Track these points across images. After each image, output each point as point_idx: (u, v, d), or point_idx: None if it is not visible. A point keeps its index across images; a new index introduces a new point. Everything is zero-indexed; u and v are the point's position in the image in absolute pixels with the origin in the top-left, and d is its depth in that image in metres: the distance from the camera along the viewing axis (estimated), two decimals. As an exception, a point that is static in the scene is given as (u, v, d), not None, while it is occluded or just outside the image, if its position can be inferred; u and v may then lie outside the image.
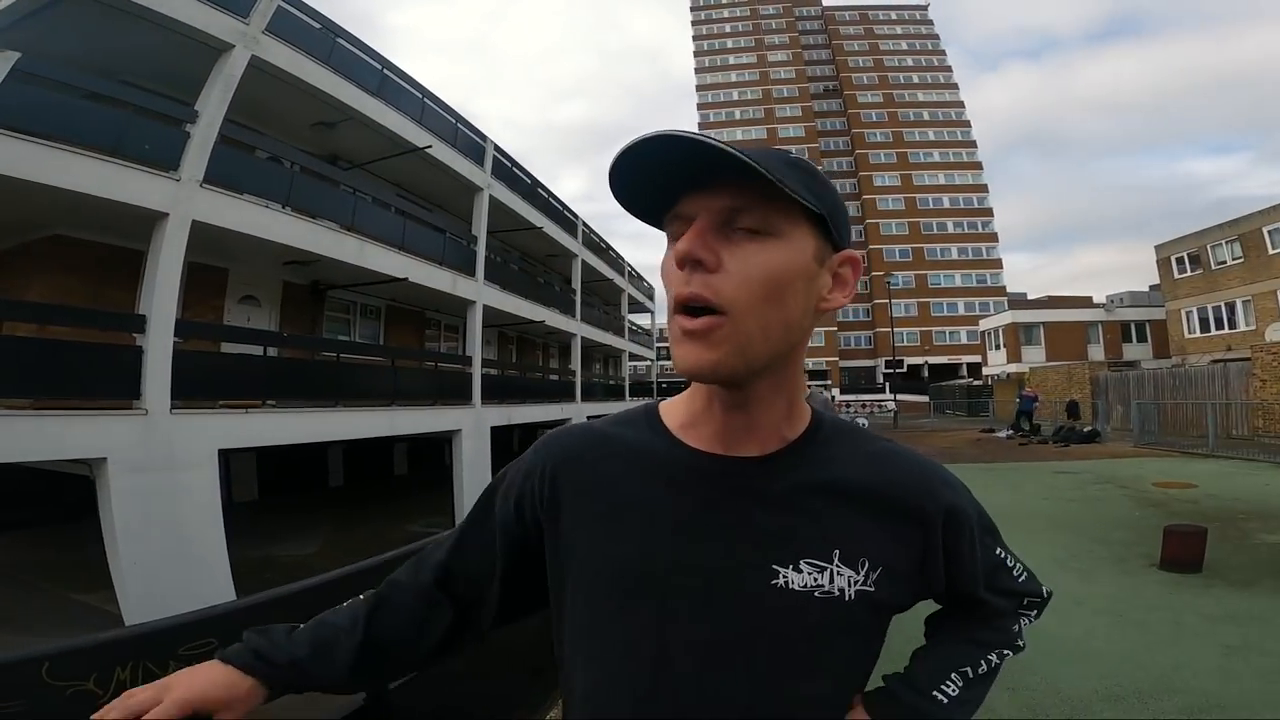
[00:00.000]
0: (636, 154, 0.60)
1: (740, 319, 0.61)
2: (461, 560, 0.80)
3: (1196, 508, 7.77)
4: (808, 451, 0.72)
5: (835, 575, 0.67)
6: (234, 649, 0.72)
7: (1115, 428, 19.82)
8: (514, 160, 15.80)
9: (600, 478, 0.73)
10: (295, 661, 0.73)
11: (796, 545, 0.67)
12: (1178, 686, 3.10)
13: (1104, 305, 35.59)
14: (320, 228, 9.30)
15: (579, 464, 0.75)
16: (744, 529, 0.68)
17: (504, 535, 0.77)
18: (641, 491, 0.71)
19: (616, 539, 0.70)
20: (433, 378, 12.32)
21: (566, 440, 0.79)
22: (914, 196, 57.59)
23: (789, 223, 0.64)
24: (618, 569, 0.69)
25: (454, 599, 0.80)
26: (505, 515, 0.77)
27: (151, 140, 6.89)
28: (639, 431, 0.76)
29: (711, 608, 0.66)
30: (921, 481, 0.73)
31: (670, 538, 0.68)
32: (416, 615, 0.79)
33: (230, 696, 0.69)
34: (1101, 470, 11.63)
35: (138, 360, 6.49)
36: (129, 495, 6.09)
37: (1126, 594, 4.67)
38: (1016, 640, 0.85)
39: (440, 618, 0.79)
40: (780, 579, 0.66)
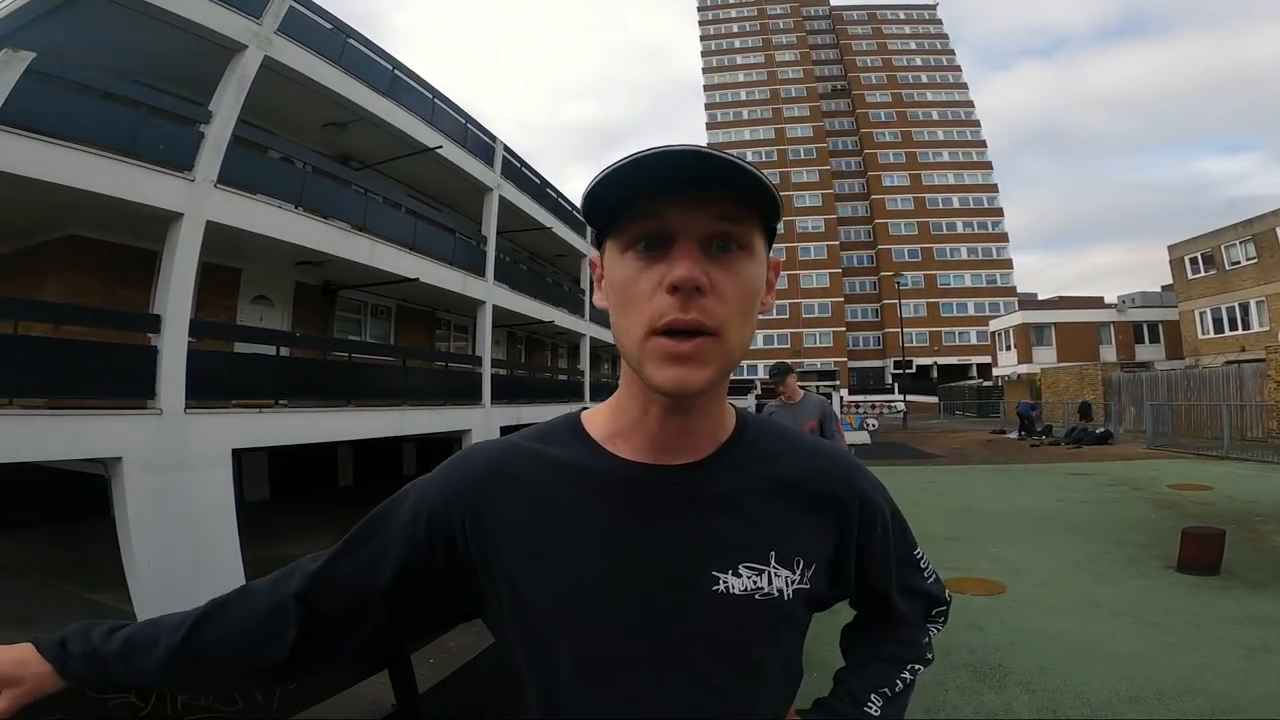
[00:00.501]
0: (628, 170, 0.58)
1: (727, 337, 0.62)
2: (337, 576, 0.72)
3: (1213, 510, 7.72)
4: (737, 453, 0.72)
5: (773, 576, 0.68)
6: (48, 634, 0.73)
7: (1128, 429, 19.69)
8: (523, 160, 15.83)
9: (531, 496, 0.69)
10: (95, 654, 0.71)
11: (734, 549, 0.68)
12: (1198, 688, 3.08)
13: (1116, 306, 35.32)
14: (332, 228, 9.33)
15: (506, 483, 0.70)
16: (681, 537, 0.67)
17: (403, 555, 0.70)
18: (575, 507, 0.69)
19: (554, 557, 0.67)
20: (443, 378, 12.35)
21: (487, 458, 0.73)
22: (923, 196, 57.25)
23: (757, 235, 0.65)
24: (559, 587, 0.67)
25: (314, 615, 0.72)
26: (412, 535, 0.70)
27: (166, 141, 6.91)
28: (564, 445, 0.73)
29: (656, 619, 0.66)
30: (839, 473, 0.76)
31: (608, 552, 0.67)
32: (258, 628, 0.72)
33: (19, 674, 0.70)
34: (1115, 472, 11.55)
35: (152, 360, 6.52)
36: (144, 495, 6.12)
37: (1145, 596, 4.64)
38: (926, 654, 0.86)
39: (285, 633, 0.71)
40: (720, 584, 0.66)
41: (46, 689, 0.71)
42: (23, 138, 5.65)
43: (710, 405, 0.70)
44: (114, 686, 0.74)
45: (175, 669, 0.72)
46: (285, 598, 0.72)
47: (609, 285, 0.66)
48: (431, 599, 0.73)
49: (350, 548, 0.73)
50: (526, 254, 17.83)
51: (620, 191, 0.61)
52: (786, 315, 56.23)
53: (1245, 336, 24.54)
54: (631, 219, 0.62)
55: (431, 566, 0.70)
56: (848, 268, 57.78)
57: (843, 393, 41.38)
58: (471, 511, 0.69)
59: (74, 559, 8.18)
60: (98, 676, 0.72)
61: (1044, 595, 4.77)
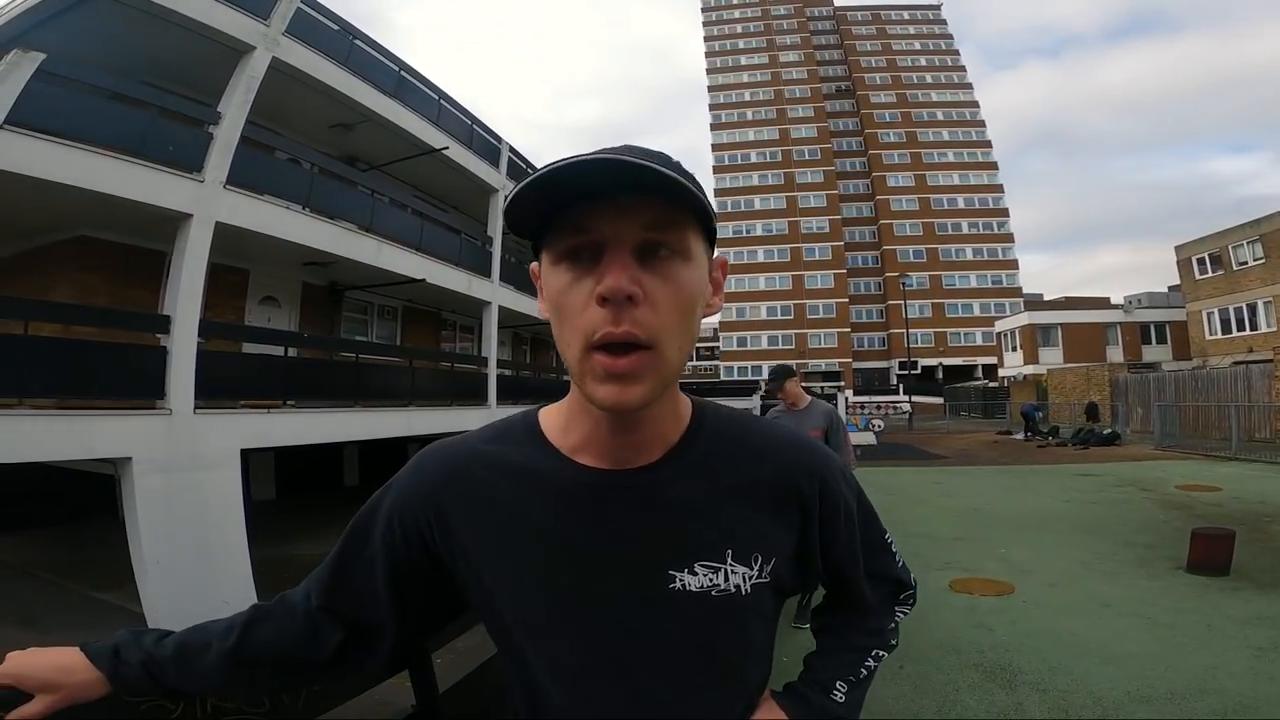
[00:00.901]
0: (548, 180, 0.57)
1: (664, 349, 0.61)
2: (344, 587, 0.76)
3: (1222, 511, 7.68)
4: (691, 452, 0.72)
5: (729, 574, 0.69)
6: (97, 641, 0.73)
7: (1135, 430, 19.61)
8: (528, 161, 15.87)
9: (491, 501, 0.71)
10: (152, 661, 0.72)
11: (690, 548, 0.68)
12: (1210, 688, 3.07)
13: (1122, 306, 35.19)
14: (339, 228, 9.37)
15: (464, 487, 0.72)
16: (637, 539, 0.68)
17: (390, 561, 0.73)
18: (534, 513, 0.70)
19: (515, 562, 0.69)
20: (449, 378, 12.39)
21: (447, 460, 0.74)
22: (928, 197, 57.02)
23: (693, 238, 0.63)
24: (522, 593, 0.69)
25: (342, 621, 0.76)
26: (390, 541, 0.73)
27: (175, 142, 6.96)
28: (521, 448, 0.73)
29: (618, 620, 0.67)
30: (799, 465, 0.75)
31: (569, 556, 0.68)
32: (303, 632, 0.76)
33: (61, 681, 0.70)
34: (1123, 473, 11.51)
35: (162, 361, 6.56)
36: (153, 494, 6.16)
37: (1155, 596, 4.63)
38: (890, 640, 0.87)
39: (329, 636, 0.76)
40: (677, 582, 0.67)
41: (88, 696, 0.71)
42: (34, 139, 5.69)
43: (658, 411, 0.69)
44: (165, 691, 0.75)
45: (229, 670, 0.74)
46: (314, 609, 0.76)
47: (546, 295, 0.66)
48: (432, 593, 0.76)
49: (346, 559, 0.76)
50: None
51: (546, 202, 0.59)
52: (791, 316, 56.19)
53: (1253, 337, 24.43)
54: (560, 230, 0.61)
55: (417, 566, 0.74)
56: (852, 268, 57.55)
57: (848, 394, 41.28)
58: (434, 514, 0.72)
59: (80, 558, 8.24)
60: (152, 682, 0.73)
61: (1053, 596, 4.75)
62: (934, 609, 4.42)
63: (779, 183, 59.87)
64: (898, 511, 8.29)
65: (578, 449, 0.71)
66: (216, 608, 3.78)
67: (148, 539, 6.04)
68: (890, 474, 12.69)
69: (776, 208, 59.28)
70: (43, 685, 0.69)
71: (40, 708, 0.69)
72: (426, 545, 0.72)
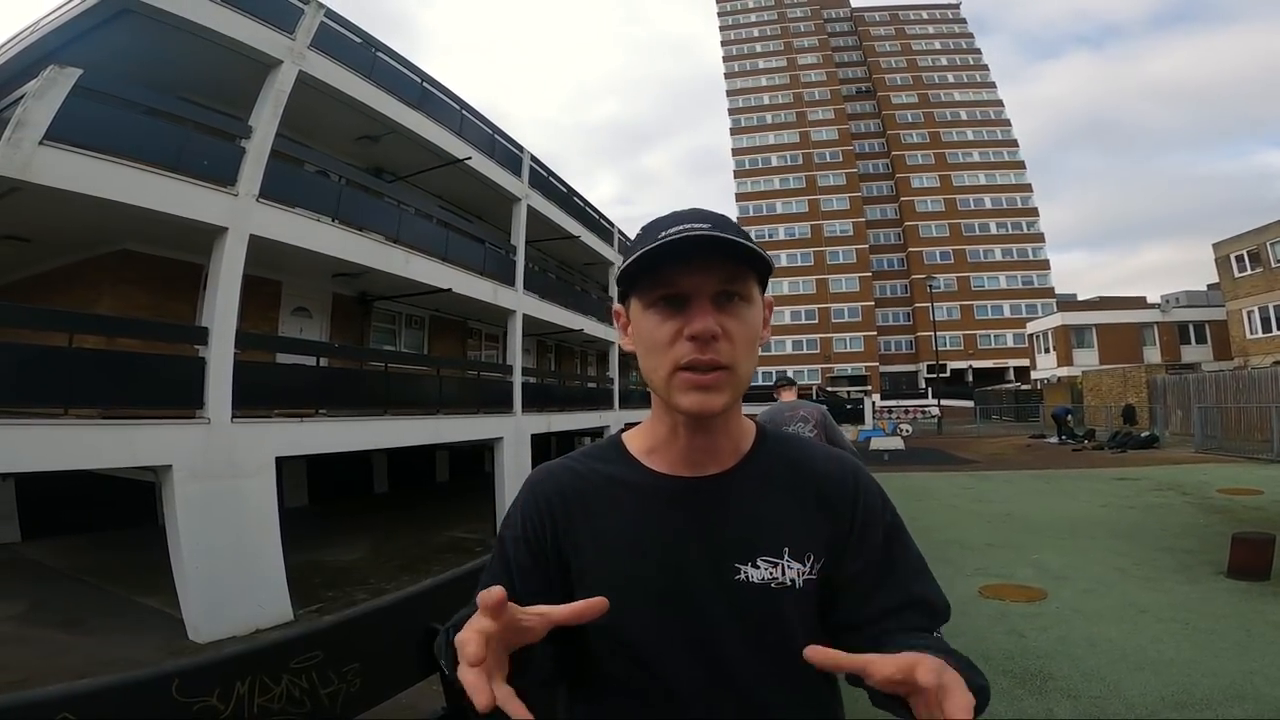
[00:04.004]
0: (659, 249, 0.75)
1: (737, 370, 0.79)
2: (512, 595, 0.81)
3: (1264, 514, 7.46)
4: (756, 463, 0.87)
5: (786, 569, 0.81)
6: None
7: (1175, 433, 19.08)
8: (550, 170, 15.98)
9: (588, 508, 0.85)
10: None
11: (754, 546, 0.81)
12: (1248, 693, 3.00)
13: (1159, 306, 34.25)
14: (367, 240, 9.53)
15: (571, 501, 0.86)
16: (709, 535, 0.81)
17: (524, 578, 0.84)
18: (623, 514, 0.84)
19: (609, 556, 0.82)
20: (475, 386, 12.49)
21: (554, 482, 0.89)
22: (954, 198, 56.23)
23: (754, 285, 0.81)
24: (617, 585, 0.77)
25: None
26: (521, 559, 0.85)
27: (210, 156, 7.10)
28: (611, 465, 0.89)
29: (687, 600, 0.80)
30: (845, 474, 0.88)
31: (652, 550, 0.81)
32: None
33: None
34: (1162, 477, 11.22)
35: (201, 371, 6.73)
36: (192, 502, 6.32)
37: (1193, 602, 4.52)
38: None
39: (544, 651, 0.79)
40: (741, 574, 0.80)
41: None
42: (73, 153, 5.84)
43: (729, 424, 0.86)
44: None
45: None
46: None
47: (635, 333, 0.83)
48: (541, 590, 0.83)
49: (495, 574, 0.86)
50: (555, 263, 17.97)
51: (642, 263, 0.77)
52: (815, 320, 55.67)
53: (1295, 336, 23.67)
54: (653, 283, 0.79)
55: (547, 579, 0.84)
56: (877, 271, 56.85)
57: (875, 398, 40.77)
58: (551, 524, 0.85)
59: (123, 562, 8.49)
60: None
61: (1088, 602, 4.66)
62: (964, 615, 4.36)
63: (800, 186, 59.50)
64: (928, 517, 8.18)
65: (660, 461, 0.86)
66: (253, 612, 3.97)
67: (187, 544, 6.20)
68: (920, 480, 12.51)
69: (799, 211, 58.90)
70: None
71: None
72: (545, 549, 0.85)
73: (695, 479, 0.84)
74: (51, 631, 6.06)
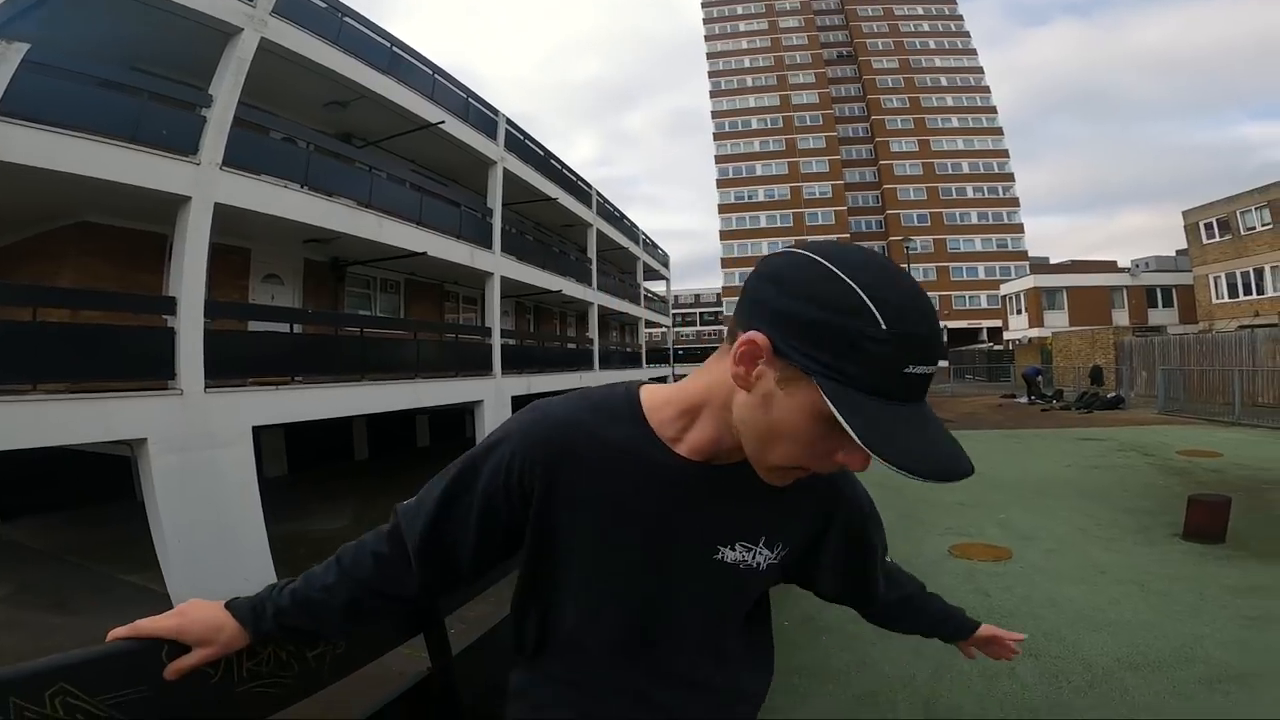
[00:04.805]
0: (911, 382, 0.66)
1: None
2: (443, 531, 0.86)
3: (1221, 477, 7.72)
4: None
5: (757, 554, 0.88)
6: (238, 599, 0.88)
7: (1140, 394, 19.63)
8: (526, 133, 15.78)
9: (590, 471, 0.83)
10: (281, 612, 0.86)
11: (737, 532, 0.86)
12: (1197, 656, 3.13)
13: (1129, 270, 34.88)
14: (338, 205, 9.37)
15: (573, 461, 0.83)
16: (704, 520, 0.85)
17: (487, 510, 0.85)
18: (628, 487, 0.83)
19: (603, 527, 0.84)
20: (454, 349, 12.50)
21: (556, 434, 0.84)
22: (932, 162, 56.45)
23: None
24: (601, 553, 0.85)
25: (431, 565, 0.87)
26: (493, 493, 0.84)
27: (169, 126, 6.95)
28: (624, 428, 0.84)
29: (674, 579, 0.86)
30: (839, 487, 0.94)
31: (649, 526, 0.84)
32: (393, 568, 0.88)
33: (213, 637, 0.84)
34: (1125, 438, 11.58)
35: (171, 341, 6.62)
36: (170, 474, 6.28)
37: (1150, 564, 4.70)
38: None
39: (415, 571, 0.88)
40: (720, 555, 0.86)
41: (234, 648, 0.86)
42: (25, 128, 5.68)
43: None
44: (299, 637, 0.92)
45: (346, 620, 0.90)
46: (408, 557, 0.87)
47: (778, 402, 0.68)
48: (503, 538, 0.88)
49: (449, 502, 0.86)
50: (532, 225, 17.83)
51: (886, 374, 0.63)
52: None
53: (1259, 301, 24.40)
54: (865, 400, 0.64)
55: (506, 513, 0.85)
56: (855, 232, 57.19)
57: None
58: (543, 472, 0.83)
59: (105, 541, 8.40)
60: (284, 631, 0.88)
61: (1051, 562, 4.82)
62: (934, 573, 4.50)
63: (780, 149, 59.28)
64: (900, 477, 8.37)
65: (678, 440, 0.83)
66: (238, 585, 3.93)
67: (167, 519, 6.17)
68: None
69: (779, 174, 58.86)
70: (199, 640, 0.83)
71: (196, 660, 0.83)
72: (526, 497, 0.84)
73: (705, 466, 0.83)
74: (40, 614, 6.02)
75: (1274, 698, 2.70)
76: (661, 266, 31.62)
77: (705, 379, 0.80)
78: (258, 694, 0.92)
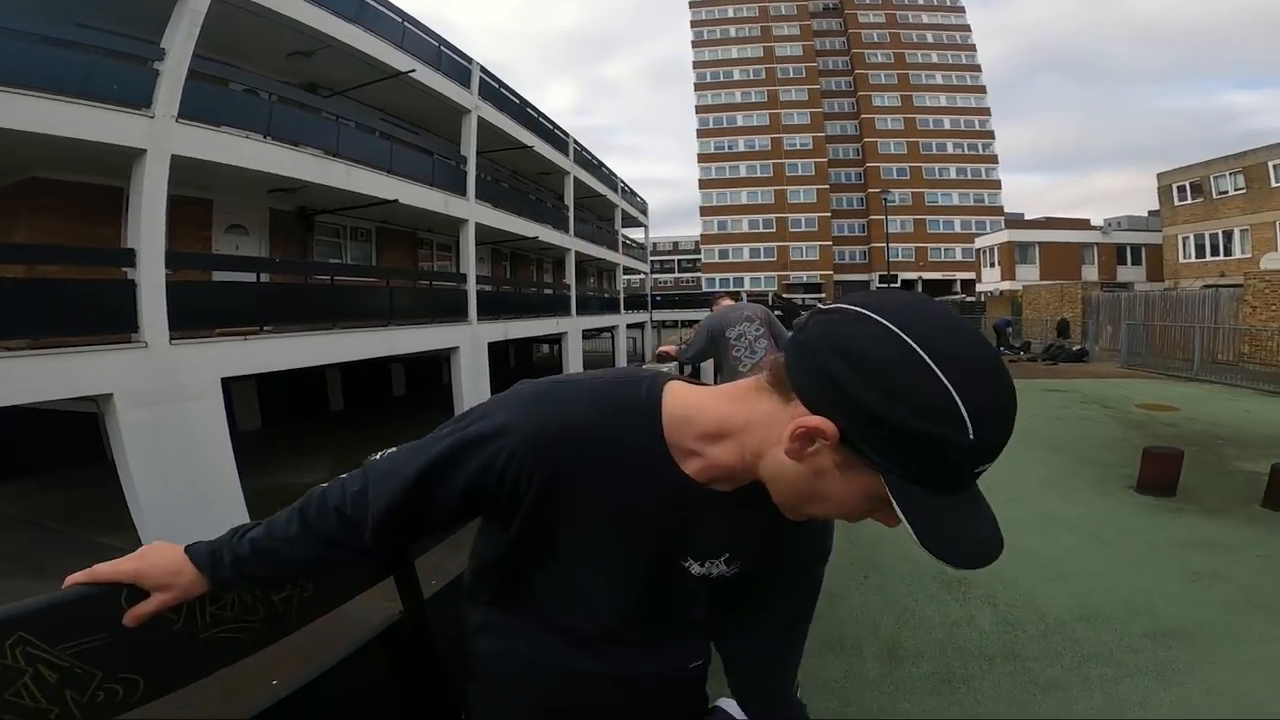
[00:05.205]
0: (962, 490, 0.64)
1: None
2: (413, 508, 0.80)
3: (1177, 431, 7.88)
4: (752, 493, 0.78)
5: (715, 568, 0.87)
6: (198, 543, 0.84)
7: (1104, 348, 20.01)
8: (502, 81, 15.50)
9: (595, 488, 0.78)
10: (239, 559, 0.82)
11: (709, 550, 0.85)
12: (1144, 609, 3.22)
13: (1101, 229, 35.37)
14: (304, 155, 9.16)
15: (576, 474, 0.77)
16: (686, 536, 0.84)
17: (467, 497, 0.79)
18: (630, 502, 0.80)
19: (593, 537, 0.83)
20: (428, 296, 12.49)
21: (565, 446, 0.76)
22: (914, 117, 56.35)
23: None
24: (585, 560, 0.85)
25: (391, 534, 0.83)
26: (479, 484, 0.77)
27: (120, 80, 6.78)
28: (637, 437, 0.77)
29: (653, 579, 0.87)
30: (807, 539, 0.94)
31: (637, 541, 0.83)
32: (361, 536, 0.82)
33: (171, 582, 0.80)
34: (1088, 390, 11.81)
35: (132, 293, 6.48)
36: (139, 430, 6.19)
37: (1104, 515, 4.81)
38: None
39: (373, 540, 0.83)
40: (688, 565, 0.86)
41: (193, 594, 0.83)
42: None
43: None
44: (257, 583, 0.89)
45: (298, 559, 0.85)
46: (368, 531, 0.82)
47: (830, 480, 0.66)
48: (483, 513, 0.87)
49: (426, 481, 0.79)
50: (508, 173, 17.58)
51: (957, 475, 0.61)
52: (773, 229, 56.54)
53: (1226, 262, 25.02)
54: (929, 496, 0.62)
55: (497, 499, 0.79)
56: (835, 184, 57.33)
57: (828, 309, 41.52)
58: (542, 477, 0.77)
59: (80, 504, 8.30)
60: (242, 579, 0.84)
61: (1011, 511, 4.81)
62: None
63: (762, 100, 58.54)
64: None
65: (689, 457, 0.78)
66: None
67: (139, 476, 6.11)
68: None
69: (760, 124, 58.26)
70: (158, 584, 0.80)
71: (154, 606, 0.80)
72: (517, 501, 0.78)
73: (708, 491, 0.79)
74: (21, 580, 5.94)
75: (1214, 653, 2.80)
76: (640, 214, 31.54)
77: (744, 415, 0.72)
78: (223, 639, 0.89)
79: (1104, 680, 2.61)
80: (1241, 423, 8.52)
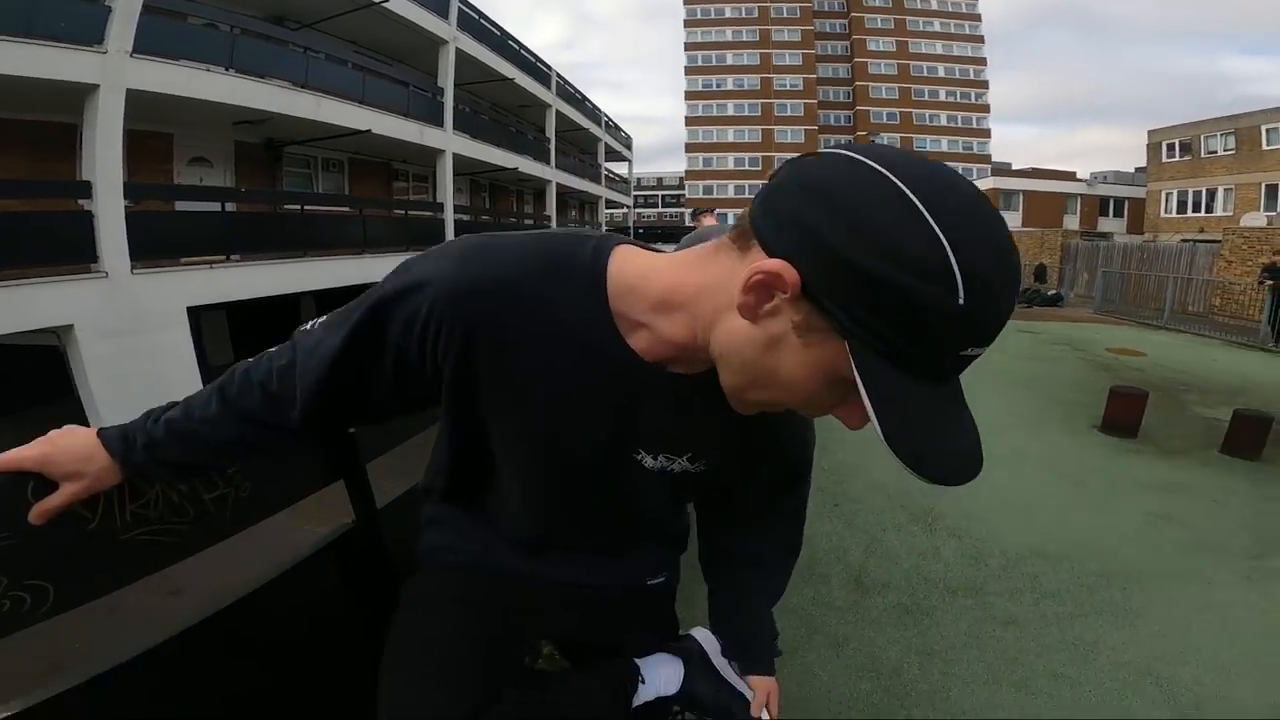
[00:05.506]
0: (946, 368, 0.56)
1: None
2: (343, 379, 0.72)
3: (1143, 375, 7.95)
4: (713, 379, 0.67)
5: (677, 462, 0.79)
6: (112, 428, 0.74)
7: (1079, 294, 20.18)
8: (481, 12, 15.06)
9: (526, 354, 0.68)
10: (153, 443, 0.73)
11: (665, 443, 0.77)
12: (1100, 547, 3.29)
13: (1087, 181, 35.44)
14: (270, 87, 8.92)
15: (502, 333, 0.67)
16: (636, 424, 0.74)
17: (397, 361, 0.70)
18: (561, 376, 0.70)
19: (527, 413, 0.73)
20: (403, 225, 12.45)
21: (489, 298, 0.65)
22: (908, 63, 55.73)
23: None
24: (521, 440, 0.77)
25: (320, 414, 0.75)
26: (404, 346, 0.68)
27: (67, 18, 6.54)
28: (578, 302, 0.66)
29: (602, 472, 0.78)
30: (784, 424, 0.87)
31: (578, 422, 0.73)
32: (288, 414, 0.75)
33: (83, 469, 0.71)
34: (1060, 333, 11.85)
35: (89, 224, 6.29)
36: (102, 362, 6.09)
37: (1068, 453, 4.89)
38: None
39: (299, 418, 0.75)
40: (640, 458, 0.77)
41: (107, 483, 0.73)
42: None
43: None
44: (173, 470, 0.78)
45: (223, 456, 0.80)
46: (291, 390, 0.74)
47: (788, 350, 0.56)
48: (418, 386, 0.73)
49: (353, 346, 0.70)
50: (488, 105, 17.16)
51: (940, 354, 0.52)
52: (759, 168, 56.00)
53: (1206, 219, 25.39)
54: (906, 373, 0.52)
55: (420, 366, 0.70)
56: (824, 125, 56.82)
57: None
58: (464, 344, 0.67)
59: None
60: (157, 465, 0.75)
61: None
62: (871, 453, 4.56)
63: (754, 39, 57.34)
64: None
65: (636, 329, 0.67)
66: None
67: (105, 409, 6.03)
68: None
69: (750, 64, 57.22)
70: (67, 474, 0.70)
71: (63, 498, 0.70)
72: (438, 364, 0.69)
73: (660, 371, 0.69)
74: None
75: (1166, 595, 2.86)
76: (624, 149, 31.20)
77: (697, 278, 0.62)
78: (146, 542, 0.79)
79: (1059, 618, 2.66)
80: (1207, 372, 8.66)
